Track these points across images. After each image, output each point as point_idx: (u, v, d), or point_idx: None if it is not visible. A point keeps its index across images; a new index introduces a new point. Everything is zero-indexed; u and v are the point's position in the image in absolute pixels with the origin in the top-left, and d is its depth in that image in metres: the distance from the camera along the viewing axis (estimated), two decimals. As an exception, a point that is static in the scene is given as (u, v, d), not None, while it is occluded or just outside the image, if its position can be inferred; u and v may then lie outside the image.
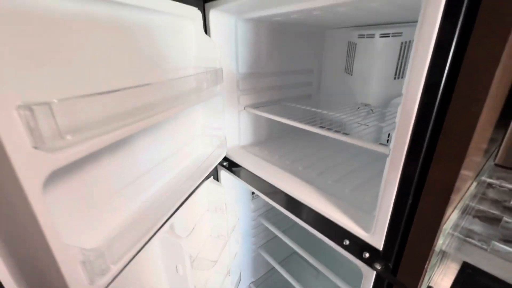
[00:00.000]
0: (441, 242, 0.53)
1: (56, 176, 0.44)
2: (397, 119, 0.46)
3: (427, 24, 0.39)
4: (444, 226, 0.52)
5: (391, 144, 0.48)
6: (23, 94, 0.31)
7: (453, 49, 0.38)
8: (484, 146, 0.65)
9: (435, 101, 0.41)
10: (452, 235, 0.70)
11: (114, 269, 0.47)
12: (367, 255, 0.56)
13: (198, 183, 0.83)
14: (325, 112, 0.96)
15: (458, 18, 0.36)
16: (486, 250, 1.03)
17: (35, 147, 0.32)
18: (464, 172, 0.46)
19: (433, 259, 0.55)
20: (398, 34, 0.92)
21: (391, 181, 0.48)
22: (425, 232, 0.47)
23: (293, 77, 1.19)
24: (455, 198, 0.54)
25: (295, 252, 1.06)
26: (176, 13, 0.70)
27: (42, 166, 0.33)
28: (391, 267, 0.54)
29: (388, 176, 0.49)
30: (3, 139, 0.28)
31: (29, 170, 0.31)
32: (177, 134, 0.83)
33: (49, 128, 0.32)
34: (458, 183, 0.45)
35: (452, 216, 0.56)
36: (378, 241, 0.54)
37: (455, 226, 0.67)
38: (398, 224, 0.50)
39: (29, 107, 0.30)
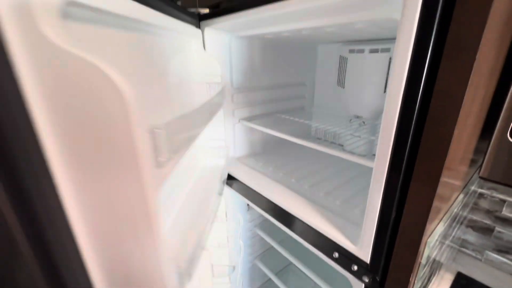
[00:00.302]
0: (427, 254, 0.55)
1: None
2: (379, 135, 0.48)
3: (402, 50, 0.41)
4: (429, 239, 0.53)
5: (375, 159, 0.50)
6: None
7: (426, 72, 0.41)
8: (470, 156, 0.67)
9: (412, 120, 0.43)
10: (442, 243, 0.71)
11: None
12: (355, 267, 0.58)
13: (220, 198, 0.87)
14: (317, 125, 0.99)
15: (428, 46, 0.39)
16: (480, 260, 1.04)
17: (156, 165, 0.35)
18: (444, 187, 0.48)
19: (421, 271, 0.56)
20: (387, 50, 0.96)
21: (375, 195, 0.50)
22: (408, 246, 0.49)
23: (286, 90, 1.22)
24: (438, 212, 0.55)
25: (292, 263, 1.07)
26: (186, 32, 0.77)
27: (158, 181, 0.36)
28: (378, 280, 0.55)
29: (372, 190, 0.51)
30: (140, 158, 0.31)
31: (152, 186, 0.34)
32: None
33: (164, 147, 0.36)
34: (438, 198, 0.47)
35: (437, 229, 0.58)
36: (365, 254, 0.55)
37: (444, 236, 0.68)
38: (383, 237, 0.51)
39: (153, 130, 0.34)
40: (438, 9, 0.37)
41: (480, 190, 1.00)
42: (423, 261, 0.54)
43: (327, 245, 0.64)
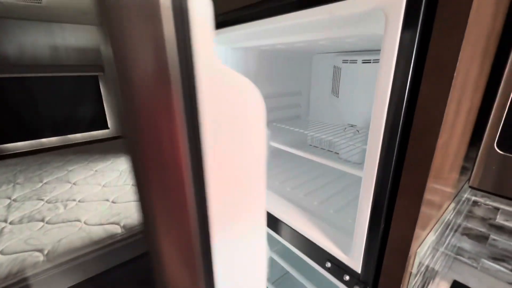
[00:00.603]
0: (418, 263, 0.55)
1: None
2: (367, 147, 0.49)
3: (386, 65, 0.43)
4: (419, 249, 0.54)
5: (363, 169, 0.51)
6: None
7: (408, 87, 0.42)
8: (460, 164, 0.68)
9: (397, 132, 0.45)
10: (436, 251, 0.71)
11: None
12: (347, 277, 0.58)
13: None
14: (312, 133, 1.01)
15: (410, 64, 0.41)
16: (476, 268, 1.04)
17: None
18: (432, 195, 0.49)
19: (412, 280, 0.57)
20: (379, 61, 0.98)
21: (365, 205, 0.51)
22: (397, 256, 0.50)
23: (282, 99, 1.24)
24: (429, 220, 0.56)
25: (289, 272, 1.07)
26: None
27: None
28: (369, 289, 0.55)
29: (361, 200, 0.52)
30: (265, 150, 0.39)
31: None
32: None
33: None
34: (427, 207, 0.48)
35: (428, 238, 0.59)
36: (356, 264, 0.56)
37: (436, 244, 0.69)
38: (374, 247, 0.52)
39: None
40: (418, 29, 0.39)
41: (474, 198, 1.01)
42: (414, 270, 0.55)
43: (319, 255, 0.64)
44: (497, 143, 0.60)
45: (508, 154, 0.60)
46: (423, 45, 0.39)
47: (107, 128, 2.82)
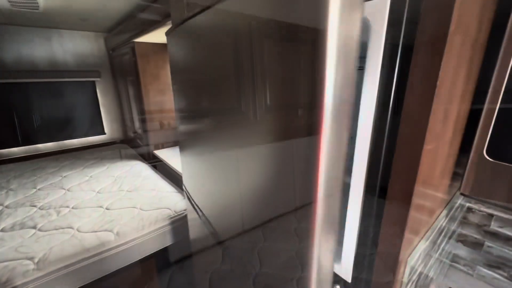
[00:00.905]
0: (408, 272, 0.55)
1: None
2: (354, 155, 0.49)
3: (371, 72, 0.43)
4: (409, 257, 0.53)
5: (351, 176, 0.51)
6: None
7: (393, 94, 0.42)
8: (451, 170, 0.68)
9: (383, 139, 0.45)
10: (430, 257, 0.71)
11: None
12: (337, 287, 0.57)
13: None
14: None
15: (394, 71, 0.41)
16: (471, 275, 1.03)
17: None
18: (422, 201, 0.49)
19: (403, 289, 0.56)
20: (371, 67, 0.99)
21: (353, 213, 0.51)
22: (387, 265, 0.49)
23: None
24: (419, 228, 0.56)
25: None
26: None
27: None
28: (360, 299, 0.54)
29: (350, 207, 0.51)
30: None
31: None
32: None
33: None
34: (416, 213, 0.47)
35: (419, 245, 0.58)
36: (347, 273, 0.55)
37: (430, 251, 0.68)
38: (363, 256, 0.51)
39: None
40: (401, 37, 0.39)
41: (468, 204, 1.00)
42: (405, 279, 0.54)
43: (311, 263, 0.63)
44: (486, 150, 0.60)
45: (498, 161, 0.60)
46: (407, 54, 0.40)
47: (104, 133, 2.81)
